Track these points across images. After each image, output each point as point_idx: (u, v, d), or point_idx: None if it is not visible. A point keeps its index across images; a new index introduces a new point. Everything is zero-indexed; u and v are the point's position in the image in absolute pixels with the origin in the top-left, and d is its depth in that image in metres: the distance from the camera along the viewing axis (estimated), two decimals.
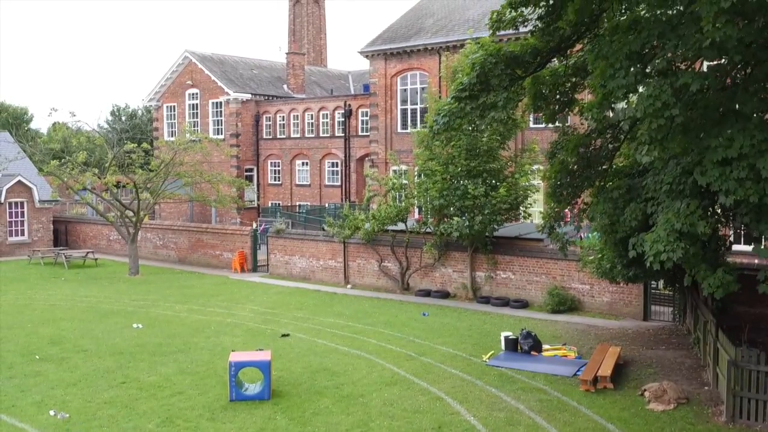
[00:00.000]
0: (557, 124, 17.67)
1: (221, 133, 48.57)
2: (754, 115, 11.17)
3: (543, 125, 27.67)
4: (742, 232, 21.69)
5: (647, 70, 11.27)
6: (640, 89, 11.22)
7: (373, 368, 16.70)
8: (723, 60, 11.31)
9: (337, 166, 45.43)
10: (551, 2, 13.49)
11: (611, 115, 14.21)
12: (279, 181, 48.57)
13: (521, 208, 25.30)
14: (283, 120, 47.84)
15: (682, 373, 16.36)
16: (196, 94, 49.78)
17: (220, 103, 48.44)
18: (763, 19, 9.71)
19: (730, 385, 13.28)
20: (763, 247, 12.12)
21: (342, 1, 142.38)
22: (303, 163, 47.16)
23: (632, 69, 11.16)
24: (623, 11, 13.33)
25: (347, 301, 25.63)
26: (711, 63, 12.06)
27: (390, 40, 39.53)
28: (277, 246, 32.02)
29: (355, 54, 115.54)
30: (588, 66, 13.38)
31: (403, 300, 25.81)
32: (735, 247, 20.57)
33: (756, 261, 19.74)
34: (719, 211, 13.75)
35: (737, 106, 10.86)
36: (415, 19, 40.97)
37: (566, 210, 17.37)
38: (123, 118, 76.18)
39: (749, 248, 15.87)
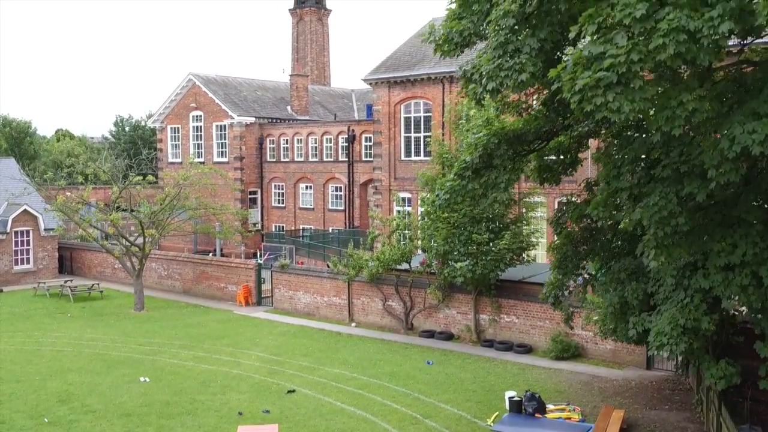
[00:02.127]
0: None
1: (225, 156, 48.74)
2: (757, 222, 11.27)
3: None
4: None
5: (652, 172, 11.36)
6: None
7: None
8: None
9: (340, 191, 45.55)
10: (553, 89, 13.55)
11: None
12: (283, 204, 48.72)
13: (524, 254, 25.43)
14: (287, 143, 47.96)
15: None
16: (200, 116, 49.94)
17: (224, 126, 48.59)
18: (766, 160, 9.85)
19: None
20: (764, 346, 12.18)
21: (346, 17, 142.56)
22: (306, 187, 47.29)
23: (637, 171, 11.26)
24: None
25: (352, 344, 25.76)
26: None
27: (393, 68, 39.62)
28: (281, 281, 32.17)
29: (358, 71, 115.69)
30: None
31: (407, 342, 25.93)
32: None
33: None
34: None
35: (740, 214, 10.95)
36: (418, 45, 40.97)
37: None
38: (126, 129, 76.50)
39: None
